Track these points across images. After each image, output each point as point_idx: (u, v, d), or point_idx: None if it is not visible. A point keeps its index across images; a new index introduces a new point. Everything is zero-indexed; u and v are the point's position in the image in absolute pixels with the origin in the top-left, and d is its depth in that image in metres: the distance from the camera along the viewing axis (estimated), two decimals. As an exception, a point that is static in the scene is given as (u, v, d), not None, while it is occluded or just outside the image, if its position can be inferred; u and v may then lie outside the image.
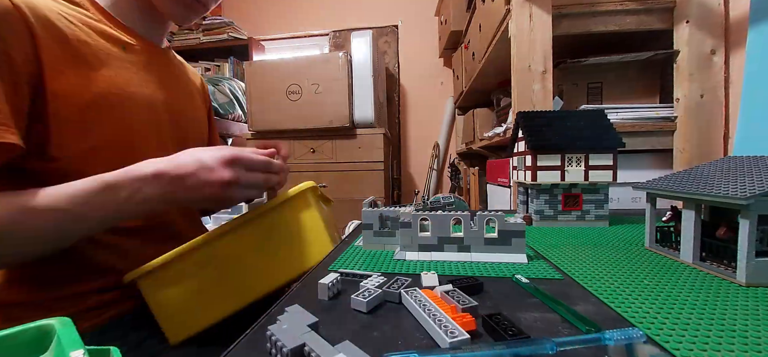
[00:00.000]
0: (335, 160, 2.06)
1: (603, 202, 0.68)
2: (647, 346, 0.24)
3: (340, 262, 0.48)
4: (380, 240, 0.54)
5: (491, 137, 1.54)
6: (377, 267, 0.46)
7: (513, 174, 0.79)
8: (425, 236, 0.48)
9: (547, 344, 0.23)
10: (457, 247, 0.47)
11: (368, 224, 0.54)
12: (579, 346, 0.24)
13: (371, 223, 0.54)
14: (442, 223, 0.47)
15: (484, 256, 0.46)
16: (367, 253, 0.53)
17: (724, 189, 0.38)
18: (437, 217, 0.47)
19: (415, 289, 0.33)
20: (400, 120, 2.75)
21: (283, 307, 0.30)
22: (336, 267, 0.46)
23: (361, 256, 0.51)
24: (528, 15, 1.04)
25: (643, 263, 0.44)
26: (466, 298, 0.31)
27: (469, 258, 0.47)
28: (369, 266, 0.46)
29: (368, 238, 0.54)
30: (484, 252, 0.47)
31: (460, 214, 0.47)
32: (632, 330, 0.24)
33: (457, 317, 0.27)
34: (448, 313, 0.28)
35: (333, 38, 2.78)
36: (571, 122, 0.70)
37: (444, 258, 0.47)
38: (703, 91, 1.01)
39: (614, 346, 0.24)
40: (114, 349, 0.21)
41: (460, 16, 2.02)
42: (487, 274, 0.41)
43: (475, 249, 0.47)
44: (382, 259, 0.49)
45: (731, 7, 0.99)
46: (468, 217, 0.46)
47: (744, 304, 0.32)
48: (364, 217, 0.54)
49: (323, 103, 1.98)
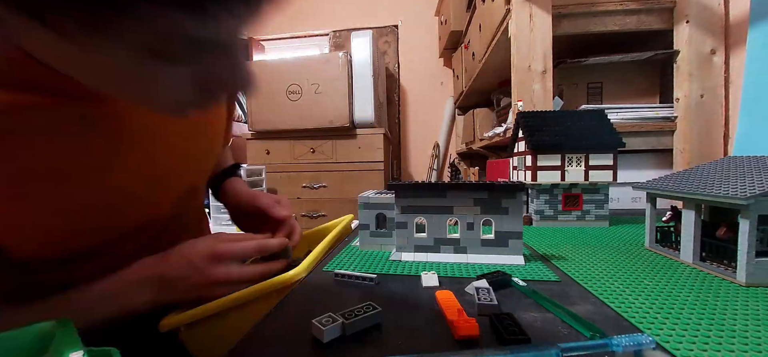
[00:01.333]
0: (335, 160, 2.06)
1: (603, 202, 0.68)
2: (657, 352, 0.23)
3: (335, 263, 0.47)
4: (377, 240, 0.54)
5: (491, 137, 1.54)
6: (373, 268, 0.45)
7: (513, 174, 0.78)
8: (421, 237, 0.48)
9: (552, 350, 0.22)
10: (454, 249, 0.47)
11: (365, 224, 0.54)
12: (585, 352, 0.23)
13: (368, 223, 0.54)
14: (438, 224, 0.47)
15: (480, 257, 0.46)
16: (364, 253, 0.52)
17: (724, 189, 0.38)
18: (433, 218, 0.47)
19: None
20: (400, 120, 2.75)
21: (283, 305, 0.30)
22: (331, 268, 0.45)
23: (357, 257, 0.50)
24: (528, 15, 1.04)
25: (643, 263, 0.44)
26: (492, 297, 0.31)
27: (465, 259, 0.46)
28: (365, 267, 0.46)
29: (365, 238, 0.54)
30: (481, 253, 0.46)
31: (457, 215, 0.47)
32: (641, 336, 0.23)
33: (460, 321, 0.27)
34: (452, 316, 0.28)
35: (333, 38, 2.78)
36: (571, 122, 0.70)
37: (440, 259, 0.47)
38: (703, 91, 1.01)
39: (622, 353, 0.23)
40: (114, 350, 0.21)
41: (460, 16, 2.02)
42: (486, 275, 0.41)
43: (471, 250, 0.46)
44: (378, 259, 0.49)
45: (731, 7, 0.98)
46: (465, 218, 0.46)
47: (744, 304, 0.32)
48: (360, 217, 0.54)
49: (323, 103, 1.98)
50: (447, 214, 0.47)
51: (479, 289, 0.33)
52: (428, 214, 0.47)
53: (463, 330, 0.26)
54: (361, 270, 0.44)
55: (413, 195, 0.47)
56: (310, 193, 2.08)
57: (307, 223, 2.03)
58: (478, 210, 0.45)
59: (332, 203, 2.06)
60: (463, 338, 0.26)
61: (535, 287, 0.36)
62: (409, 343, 0.27)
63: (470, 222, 0.46)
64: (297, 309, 0.34)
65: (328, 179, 2.07)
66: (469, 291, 0.34)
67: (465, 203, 0.46)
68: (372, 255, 0.51)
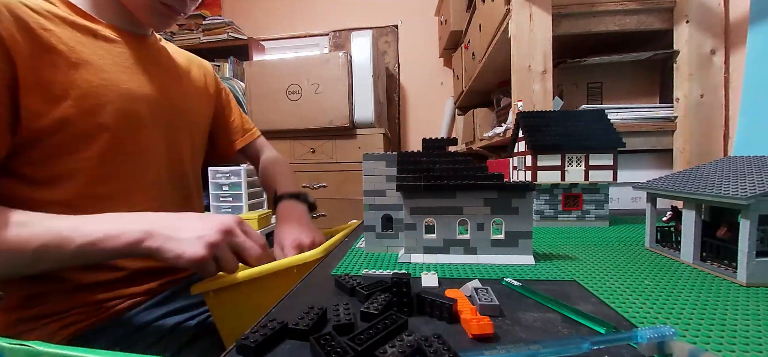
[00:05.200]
0: (335, 160, 2.06)
1: (603, 202, 0.68)
2: (679, 341, 0.24)
3: (342, 267, 0.46)
4: (383, 242, 0.52)
5: (491, 137, 1.54)
6: (381, 270, 0.44)
7: (513, 174, 0.78)
8: (430, 238, 0.47)
9: (583, 343, 0.23)
10: (464, 250, 0.46)
11: (370, 226, 0.53)
12: (612, 344, 0.24)
13: (374, 224, 0.52)
14: (447, 225, 0.46)
15: (490, 257, 0.46)
16: (370, 256, 0.51)
17: (725, 189, 0.38)
18: (442, 219, 0.46)
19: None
20: (400, 120, 2.75)
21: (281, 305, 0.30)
22: (338, 271, 0.44)
23: (363, 259, 0.49)
24: (528, 15, 1.04)
25: (644, 263, 0.44)
26: (491, 297, 0.31)
27: (475, 260, 0.46)
28: (373, 270, 0.44)
29: (370, 240, 0.53)
30: (491, 254, 0.46)
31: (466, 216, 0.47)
32: (664, 327, 0.24)
33: (475, 319, 0.27)
34: (468, 315, 0.28)
35: (333, 38, 2.77)
36: (571, 122, 0.70)
37: (450, 260, 0.46)
38: (703, 91, 1.01)
39: (647, 344, 0.23)
40: None
41: (460, 16, 2.02)
42: (488, 277, 0.41)
43: (481, 251, 0.46)
44: (386, 262, 0.48)
45: (731, 7, 0.98)
46: (474, 219, 0.46)
47: (745, 304, 0.32)
48: (366, 219, 0.53)
49: (323, 103, 1.98)
50: (457, 215, 0.46)
51: (477, 289, 0.33)
52: (437, 215, 0.46)
53: (477, 329, 0.26)
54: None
55: (422, 196, 0.46)
56: (310, 193, 2.08)
57: (307, 223, 2.03)
58: (489, 210, 0.45)
59: (332, 203, 2.06)
60: (477, 337, 0.26)
61: (536, 287, 0.36)
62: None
63: (480, 222, 0.45)
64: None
65: (328, 179, 2.07)
66: (464, 292, 0.34)
67: (475, 203, 0.45)
68: (378, 257, 0.50)
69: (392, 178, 0.51)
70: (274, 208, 0.74)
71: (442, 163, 0.48)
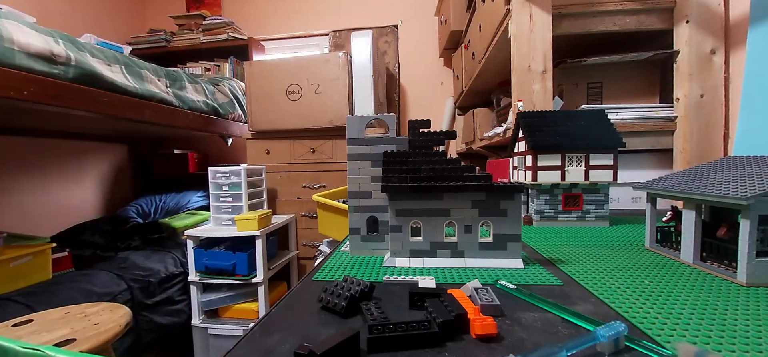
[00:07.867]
0: (335, 160, 2.06)
1: (603, 202, 0.68)
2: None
3: (324, 272, 0.45)
4: (368, 245, 0.51)
5: (491, 137, 1.54)
6: (365, 275, 0.43)
7: (513, 174, 0.78)
8: (417, 241, 0.46)
9: (599, 333, 0.25)
10: (451, 253, 0.45)
11: (355, 228, 0.51)
12: (582, 347, 0.25)
13: (359, 226, 0.51)
14: (434, 227, 0.45)
15: (478, 261, 0.45)
16: (354, 259, 0.50)
17: (725, 189, 0.38)
18: (429, 221, 0.45)
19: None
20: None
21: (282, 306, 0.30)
22: (320, 277, 0.43)
23: (347, 263, 0.48)
24: (528, 15, 1.04)
25: (644, 263, 0.44)
26: (492, 297, 0.31)
27: (463, 264, 0.45)
28: (356, 274, 0.43)
29: (355, 243, 0.52)
30: (479, 257, 0.45)
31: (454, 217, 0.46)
32: (617, 324, 0.26)
33: (478, 319, 0.27)
34: (471, 315, 0.28)
35: (333, 38, 2.77)
36: (571, 122, 0.70)
37: (437, 264, 0.45)
38: (703, 91, 1.01)
39: (607, 343, 0.25)
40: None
41: (460, 16, 2.02)
42: (482, 280, 0.41)
43: (469, 254, 0.45)
44: (370, 266, 0.47)
45: (731, 7, 0.98)
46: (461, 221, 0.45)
47: (745, 303, 0.32)
48: (350, 222, 0.52)
49: (323, 103, 1.98)
50: (444, 217, 0.45)
51: (478, 289, 0.33)
52: (424, 217, 0.45)
53: (481, 329, 0.26)
54: (353, 277, 0.43)
55: (408, 198, 0.45)
56: (310, 193, 2.08)
57: (307, 222, 2.03)
58: (476, 212, 0.44)
59: (332, 203, 2.06)
60: (481, 336, 0.26)
61: (535, 291, 0.36)
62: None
63: (468, 225, 0.45)
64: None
65: (328, 179, 2.07)
66: (465, 292, 0.34)
67: (463, 205, 0.44)
68: (363, 261, 0.49)
69: (378, 178, 0.50)
70: None
71: (428, 164, 0.47)
